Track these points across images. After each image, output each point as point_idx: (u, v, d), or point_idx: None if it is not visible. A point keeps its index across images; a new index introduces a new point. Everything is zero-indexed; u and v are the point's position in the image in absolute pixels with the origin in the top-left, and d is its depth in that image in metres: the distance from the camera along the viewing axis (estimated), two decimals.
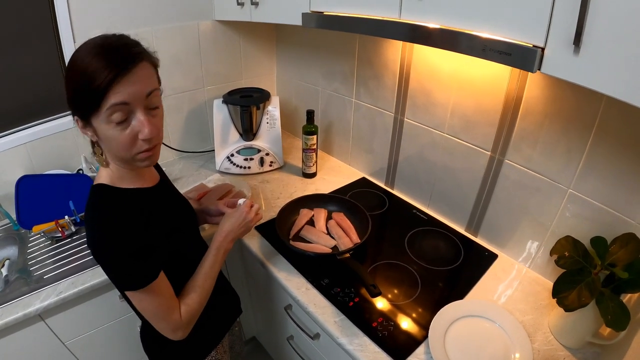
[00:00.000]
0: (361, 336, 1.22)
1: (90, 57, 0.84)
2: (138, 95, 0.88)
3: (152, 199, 1.09)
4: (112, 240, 0.93)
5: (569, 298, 1.06)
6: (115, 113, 0.87)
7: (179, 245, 1.14)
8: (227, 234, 1.22)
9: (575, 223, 1.27)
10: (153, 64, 0.95)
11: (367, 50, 1.79)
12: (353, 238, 1.55)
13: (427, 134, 1.66)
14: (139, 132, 0.91)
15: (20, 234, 1.73)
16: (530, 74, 1.22)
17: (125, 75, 0.85)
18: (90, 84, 0.83)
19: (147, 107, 0.92)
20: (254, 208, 1.30)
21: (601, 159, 1.15)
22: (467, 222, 1.64)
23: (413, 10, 1.05)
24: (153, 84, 0.92)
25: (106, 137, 0.91)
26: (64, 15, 1.66)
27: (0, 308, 1.36)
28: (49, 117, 1.84)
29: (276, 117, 2.10)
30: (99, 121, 0.88)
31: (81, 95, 0.86)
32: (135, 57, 0.87)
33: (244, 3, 1.71)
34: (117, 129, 0.89)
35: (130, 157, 0.95)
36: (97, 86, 0.83)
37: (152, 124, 0.92)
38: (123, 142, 0.91)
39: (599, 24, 0.70)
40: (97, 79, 0.83)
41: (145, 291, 0.96)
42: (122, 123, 0.89)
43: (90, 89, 0.84)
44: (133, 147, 0.93)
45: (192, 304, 1.08)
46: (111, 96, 0.84)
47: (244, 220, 1.25)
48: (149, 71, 0.92)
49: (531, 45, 0.83)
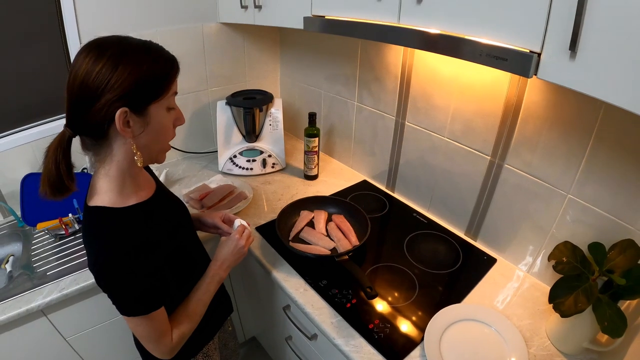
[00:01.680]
0: (357, 337, 1.22)
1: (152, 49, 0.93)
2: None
3: (154, 209, 1.07)
4: (118, 267, 0.92)
5: (565, 304, 1.06)
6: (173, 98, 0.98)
7: (183, 241, 1.15)
8: (222, 262, 1.23)
9: (574, 229, 1.26)
10: None
11: (369, 54, 1.79)
12: (352, 240, 1.55)
13: (427, 138, 1.66)
14: (177, 119, 1.02)
15: (24, 231, 1.75)
16: (530, 79, 1.23)
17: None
18: (164, 71, 0.93)
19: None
20: (245, 233, 1.29)
21: (600, 164, 1.15)
22: (466, 226, 1.64)
23: (411, 15, 1.05)
24: None
25: (160, 124, 0.96)
26: (71, 16, 1.69)
27: (4, 303, 1.38)
28: (55, 117, 1.86)
29: (279, 119, 2.11)
30: (160, 106, 0.94)
31: (152, 80, 0.90)
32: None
33: (248, 6, 1.72)
34: (170, 115, 0.98)
35: (164, 149, 1.04)
36: (168, 73, 0.93)
37: None
38: (170, 130, 1.01)
39: (594, 29, 0.71)
40: (167, 68, 0.94)
41: (143, 317, 0.97)
42: (172, 109, 0.99)
43: (163, 75, 0.92)
44: (172, 134, 1.02)
45: (184, 329, 1.09)
46: (174, 84, 0.96)
47: (236, 247, 1.25)
48: None
49: (528, 50, 0.83)
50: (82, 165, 1.89)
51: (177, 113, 1.01)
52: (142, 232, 0.99)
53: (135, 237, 0.96)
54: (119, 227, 0.96)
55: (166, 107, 0.96)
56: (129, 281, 0.93)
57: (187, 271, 1.16)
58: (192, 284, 1.18)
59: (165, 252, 1.03)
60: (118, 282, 0.92)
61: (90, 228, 0.97)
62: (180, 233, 1.14)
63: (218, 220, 1.37)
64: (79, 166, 1.90)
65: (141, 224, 1.00)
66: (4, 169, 1.77)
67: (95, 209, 0.96)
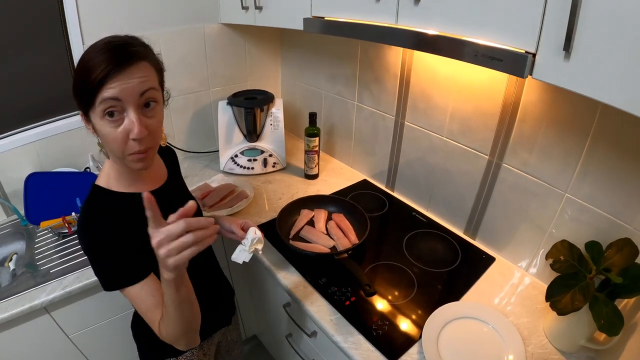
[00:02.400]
0: (356, 334, 1.23)
1: (93, 54, 0.87)
2: (131, 93, 0.88)
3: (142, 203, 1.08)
4: (94, 243, 0.98)
5: (562, 302, 1.07)
6: (107, 108, 0.88)
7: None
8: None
9: (572, 227, 1.27)
10: (155, 65, 0.96)
11: (369, 54, 1.81)
12: (351, 239, 1.57)
13: (427, 138, 1.67)
14: (130, 131, 0.91)
15: (28, 230, 1.77)
16: (527, 79, 1.23)
17: (120, 72, 0.86)
18: (87, 78, 0.86)
19: (140, 107, 0.92)
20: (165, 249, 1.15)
21: (598, 164, 1.16)
22: (465, 225, 1.65)
23: (409, 16, 1.06)
24: (149, 84, 0.92)
25: (101, 134, 0.93)
26: (73, 17, 1.70)
27: (7, 300, 1.39)
28: (58, 117, 1.88)
29: (280, 119, 2.12)
30: (95, 116, 0.90)
31: (79, 88, 0.89)
32: (134, 55, 0.89)
33: (249, 7, 1.73)
34: (110, 125, 0.90)
35: (122, 156, 0.95)
36: (92, 80, 0.85)
37: (143, 124, 0.92)
38: (114, 140, 0.92)
39: (588, 30, 0.72)
40: (93, 73, 0.85)
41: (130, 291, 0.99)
42: (115, 120, 0.90)
43: (86, 82, 0.86)
44: (125, 146, 0.93)
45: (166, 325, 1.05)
46: (104, 90, 0.86)
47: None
48: (146, 71, 0.92)
49: (523, 51, 0.84)
50: (85, 165, 1.91)
51: (126, 124, 0.91)
52: (123, 217, 1.01)
53: (114, 220, 1.00)
54: (102, 207, 1.02)
55: (101, 117, 0.89)
56: (104, 251, 0.98)
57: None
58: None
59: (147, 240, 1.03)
60: (94, 252, 0.98)
61: (83, 204, 1.04)
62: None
63: (235, 226, 1.34)
64: (82, 166, 1.92)
65: (124, 211, 1.02)
66: (7, 168, 1.79)
67: (93, 186, 1.05)
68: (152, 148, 0.99)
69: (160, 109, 0.99)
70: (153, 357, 1.25)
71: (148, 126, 0.93)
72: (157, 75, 0.97)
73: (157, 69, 0.97)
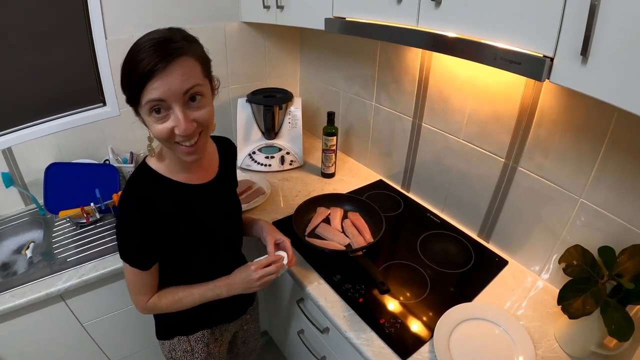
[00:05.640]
0: (368, 331, 1.25)
1: (136, 51, 0.89)
2: (174, 92, 0.89)
3: (190, 195, 1.12)
4: (125, 213, 1.04)
5: (573, 305, 1.07)
6: (153, 106, 0.91)
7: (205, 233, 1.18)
8: (229, 284, 1.22)
9: (586, 232, 1.27)
10: (198, 57, 0.95)
11: (388, 56, 1.82)
12: (366, 237, 1.58)
13: (443, 140, 1.68)
14: (176, 127, 0.93)
15: (45, 219, 1.81)
16: (544, 83, 1.24)
17: (162, 71, 0.87)
18: (131, 77, 0.89)
19: (185, 103, 0.93)
20: (259, 272, 1.22)
21: (613, 169, 1.16)
22: (479, 228, 1.65)
23: (430, 19, 1.08)
24: (193, 80, 0.92)
25: (149, 128, 0.97)
26: (97, 12, 1.74)
27: (24, 287, 1.42)
28: (79, 109, 1.92)
29: (298, 117, 2.14)
30: (142, 112, 0.94)
31: (125, 86, 0.93)
32: (175, 51, 0.88)
33: (270, 6, 1.75)
34: (157, 122, 0.93)
35: (172, 147, 0.99)
36: (135, 80, 0.88)
37: (191, 119, 0.94)
38: (161, 134, 0.94)
39: (606, 35, 0.73)
40: (136, 73, 0.87)
41: (129, 267, 1.07)
42: (161, 117, 0.92)
43: (130, 81, 0.90)
44: (171, 138, 0.95)
45: (162, 305, 1.17)
46: (148, 91, 0.88)
47: (246, 278, 1.22)
48: (190, 66, 0.92)
49: (541, 55, 0.85)
50: (104, 157, 1.95)
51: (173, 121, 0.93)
52: (160, 202, 1.05)
53: (151, 203, 1.04)
54: (147, 184, 1.07)
55: (148, 114, 0.93)
56: (128, 230, 1.05)
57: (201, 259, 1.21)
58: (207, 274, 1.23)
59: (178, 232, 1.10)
60: (120, 224, 1.06)
61: (132, 173, 1.10)
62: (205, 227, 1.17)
63: (271, 240, 1.32)
64: (101, 158, 1.96)
65: (164, 196, 1.07)
66: (28, 158, 1.82)
67: (144, 162, 1.10)
68: (202, 139, 1.01)
69: (208, 100, 1.00)
70: (166, 332, 1.31)
71: (196, 119, 0.96)
72: (202, 68, 0.96)
73: (201, 61, 0.96)
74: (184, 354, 1.31)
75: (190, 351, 1.31)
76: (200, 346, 1.32)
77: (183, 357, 1.31)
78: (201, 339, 1.31)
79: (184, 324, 1.29)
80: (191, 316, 1.25)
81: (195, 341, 1.31)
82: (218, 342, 1.37)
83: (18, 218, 1.84)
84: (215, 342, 1.36)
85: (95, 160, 1.93)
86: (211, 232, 1.20)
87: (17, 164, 1.81)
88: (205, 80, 0.98)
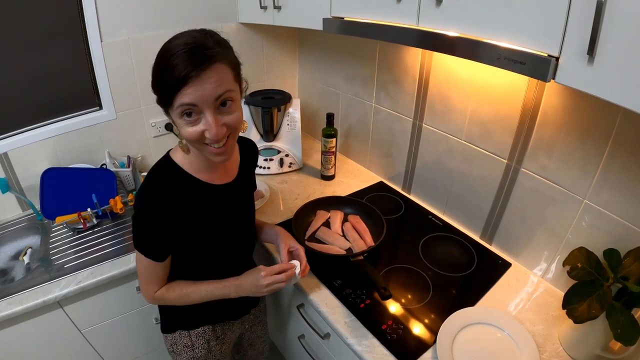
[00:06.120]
0: (370, 338, 1.23)
1: (170, 55, 0.89)
2: (206, 99, 0.91)
3: (208, 194, 1.14)
4: (144, 202, 1.05)
5: (578, 310, 1.06)
6: (184, 110, 0.92)
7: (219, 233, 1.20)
8: (238, 286, 1.23)
9: (590, 234, 1.25)
10: (230, 63, 0.96)
11: (387, 56, 1.80)
12: (367, 241, 1.56)
13: (444, 141, 1.66)
14: (206, 130, 0.95)
15: (43, 224, 1.79)
16: (547, 83, 1.22)
17: (196, 78, 0.88)
18: (164, 80, 0.90)
19: (216, 108, 0.94)
20: (268, 278, 1.21)
21: (617, 170, 1.14)
22: (482, 230, 1.63)
23: (431, 17, 1.06)
24: (225, 86, 0.93)
25: (180, 130, 0.98)
26: (92, 14, 1.72)
27: (21, 294, 1.42)
28: (76, 113, 1.90)
29: (297, 119, 2.12)
30: (173, 114, 0.95)
31: (157, 87, 0.94)
32: (209, 58, 0.89)
33: (267, 7, 1.74)
34: (188, 125, 0.95)
35: (201, 148, 1.01)
36: (169, 84, 0.89)
37: (221, 123, 0.95)
38: (191, 136, 0.96)
39: (613, 34, 0.71)
40: (170, 77, 0.88)
41: (142, 257, 1.09)
42: (192, 121, 0.94)
43: (163, 85, 0.92)
44: (201, 141, 0.97)
45: (169, 297, 1.19)
46: (180, 96, 0.90)
47: (256, 282, 1.21)
48: (223, 72, 0.93)
49: (546, 54, 0.83)
50: (101, 161, 1.93)
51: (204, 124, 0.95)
52: (179, 196, 1.07)
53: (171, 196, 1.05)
54: (169, 178, 1.09)
55: (179, 117, 0.94)
56: (146, 220, 1.06)
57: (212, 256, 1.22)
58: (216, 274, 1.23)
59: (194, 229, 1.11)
60: (138, 214, 1.05)
61: (155, 164, 1.11)
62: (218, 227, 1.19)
63: (284, 246, 1.32)
64: (98, 162, 1.94)
65: (184, 192, 1.08)
66: (25, 163, 1.81)
67: (168, 155, 1.12)
68: (230, 140, 1.03)
69: (238, 105, 1.01)
70: (169, 326, 1.33)
71: (226, 123, 0.97)
72: (233, 73, 0.97)
73: (232, 67, 0.97)
74: (184, 349, 1.32)
75: (191, 346, 1.32)
76: (201, 342, 1.32)
77: (183, 351, 1.32)
78: (202, 335, 1.32)
79: (186, 318, 1.30)
80: (193, 312, 1.26)
81: (196, 336, 1.32)
82: (220, 340, 1.37)
83: (16, 223, 1.83)
84: (217, 339, 1.36)
85: (92, 164, 1.92)
86: (225, 231, 1.22)
87: (13, 169, 1.80)
88: (235, 85, 0.99)
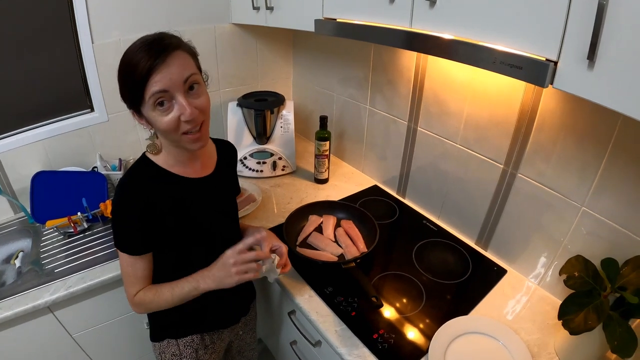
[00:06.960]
0: (361, 347, 1.21)
1: (132, 54, 0.95)
2: (175, 82, 0.96)
3: (185, 187, 1.16)
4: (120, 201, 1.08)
5: (574, 321, 1.04)
6: (157, 100, 0.96)
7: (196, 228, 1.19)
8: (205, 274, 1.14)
9: (588, 242, 1.23)
10: (190, 52, 1.03)
11: (382, 58, 1.78)
12: (360, 247, 1.54)
13: (440, 144, 1.64)
14: (182, 114, 0.98)
15: (35, 228, 1.77)
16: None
17: (161, 64, 0.93)
18: (132, 77, 0.94)
19: (185, 91, 0.99)
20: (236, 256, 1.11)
21: (616, 177, 1.11)
22: (477, 235, 1.61)
23: (424, 19, 1.03)
24: (189, 70, 0.99)
25: (156, 123, 1.01)
26: (83, 16, 1.71)
27: (11, 299, 1.40)
28: (67, 115, 1.88)
29: (290, 121, 2.10)
30: (147, 109, 0.99)
31: (127, 88, 0.98)
32: (168, 46, 0.95)
33: (260, 7, 1.72)
34: (162, 114, 0.98)
35: (178, 139, 1.04)
36: (137, 78, 0.93)
37: (193, 106, 0.99)
38: (168, 125, 0.99)
39: (615, 37, 0.68)
40: (136, 72, 0.93)
41: (123, 255, 1.10)
42: (166, 109, 0.98)
43: (132, 82, 0.95)
44: (178, 128, 1.01)
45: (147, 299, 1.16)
46: (151, 85, 0.94)
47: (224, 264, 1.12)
48: (184, 58, 0.99)
49: (544, 58, 0.80)
50: (93, 164, 1.90)
51: (177, 110, 0.98)
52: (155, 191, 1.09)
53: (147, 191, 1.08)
54: (144, 173, 1.12)
55: (153, 109, 0.98)
56: (121, 213, 1.09)
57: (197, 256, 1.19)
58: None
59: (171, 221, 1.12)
60: (114, 209, 1.09)
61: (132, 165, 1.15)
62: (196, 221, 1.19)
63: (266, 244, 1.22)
64: (89, 165, 1.91)
65: (159, 186, 1.11)
66: (16, 166, 1.79)
67: (143, 155, 1.14)
68: (204, 127, 1.07)
69: (204, 89, 1.07)
70: (157, 334, 1.31)
71: (197, 106, 1.01)
72: (194, 60, 1.04)
73: (192, 55, 1.04)
74: (172, 357, 1.30)
75: (179, 355, 1.29)
76: (189, 351, 1.30)
77: None
78: (190, 344, 1.29)
79: (174, 326, 1.28)
80: (181, 319, 1.26)
81: (184, 346, 1.29)
82: (209, 350, 1.34)
83: (7, 226, 1.81)
84: (205, 349, 1.33)
85: (84, 167, 1.90)
86: (204, 226, 1.22)
87: (4, 172, 1.78)
88: (198, 71, 1.05)
